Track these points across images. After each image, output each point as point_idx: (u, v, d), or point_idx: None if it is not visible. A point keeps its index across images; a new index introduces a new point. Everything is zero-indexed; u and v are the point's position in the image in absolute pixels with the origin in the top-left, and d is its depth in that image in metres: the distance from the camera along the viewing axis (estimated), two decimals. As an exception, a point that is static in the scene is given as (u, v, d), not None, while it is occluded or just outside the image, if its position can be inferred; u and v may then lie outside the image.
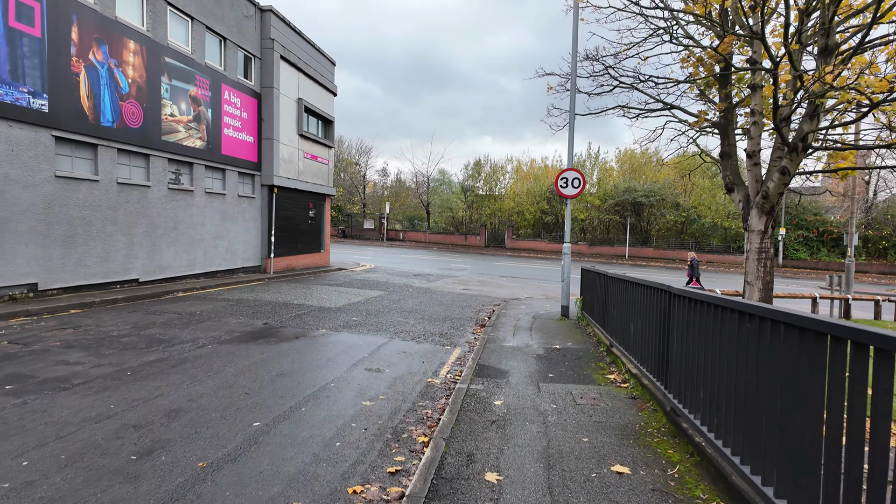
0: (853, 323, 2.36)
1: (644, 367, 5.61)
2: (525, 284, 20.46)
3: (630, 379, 6.19)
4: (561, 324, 10.68)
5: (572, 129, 11.39)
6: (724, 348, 3.48)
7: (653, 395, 5.33)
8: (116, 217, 12.16)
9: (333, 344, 8.07)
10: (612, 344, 7.61)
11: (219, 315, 9.98)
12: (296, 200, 20.41)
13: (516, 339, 8.97)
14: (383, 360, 7.21)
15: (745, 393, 3.17)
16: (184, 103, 14.23)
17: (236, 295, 12.98)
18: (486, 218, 49.05)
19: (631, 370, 6.28)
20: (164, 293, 12.43)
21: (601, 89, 13.58)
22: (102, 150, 11.69)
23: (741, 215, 10.89)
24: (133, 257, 12.70)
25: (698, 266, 15.42)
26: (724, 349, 3.48)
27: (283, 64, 18.80)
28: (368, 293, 14.68)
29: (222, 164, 16.06)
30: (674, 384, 4.55)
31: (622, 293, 6.79)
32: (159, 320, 9.12)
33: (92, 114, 11.32)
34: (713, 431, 3.63)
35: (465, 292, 16.53)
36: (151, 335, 7.90)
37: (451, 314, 11.93)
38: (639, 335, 5.88)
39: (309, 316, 10.47)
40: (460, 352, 8.15)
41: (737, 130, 11.92)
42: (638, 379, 5.95)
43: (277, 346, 7.67)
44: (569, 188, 11.31)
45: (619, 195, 40.13)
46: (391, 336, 8.97)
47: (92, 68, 11.28)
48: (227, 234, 16.46)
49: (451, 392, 5.84)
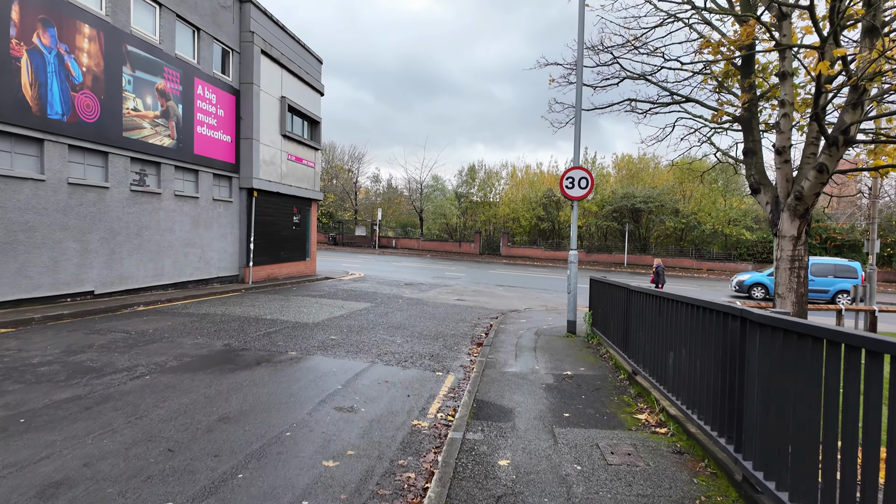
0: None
1: (693, 412, 4.33)
2: (523, 294, 19.20)
3: (668, 422, 4.90)
4: (568, 342, 9.39)
5: (579, 124, 10.18)
6: (873, 411, 2.22)
7: (708, 451, 4.05)
8: (67, 222, 10.80)
9: (302, 372, 6.74)
10: (636, 371, 6.34)
11: (174, 334, 8.62)
12: (278, 205, 19.08)
13: (519, 362, 7.67)
14: (359, 394, 5.89)
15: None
16: (150, 97, 12.91)
17: (204, 309, 11.61)
18: (480, 225, 47.81)
19: (668, 409, 5.00)
20: (121, 307, 11.05)
21: (608, 82, 12.42)
22: (50, 145, 10.35)
23: (770, 220, 9.69)
24: (87, 267, 11.32)
25: (664, 273, 15.70)
26: (874, 412, 2.21)
27: (264, 59, 17.54)
28: (353, 305, 13.35)
29: (195, 164, 14.73)
30: (752, 447, 3.26)
31: (655, 313, 5.51)
32: (99, 342, 7.76)
33: (36, 105, 9.98)
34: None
35: (460, 303, 15.25)
36: (80, 362, 6.54)
37: (444, 330, 10.64)
38: (684, 368, 4.60)
39: (280, 334, 9.13)
40: (454, 380, 6.85)
41: (759, 126, 10.77)
42: (680, 423, 4.67)
43: (232, 376, 6.34)
44: (575, 189, 10.08)
45: (617, 201, 39.01)
46: (373, 359, 7.65)
47: (37, 53, 9.96)
48: (199, 240, 15.10)
49: (443, 443, 4.54)
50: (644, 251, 40.62)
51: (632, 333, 6.52)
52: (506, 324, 11.54)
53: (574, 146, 10.22)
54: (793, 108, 9.41)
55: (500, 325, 11.21)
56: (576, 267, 10.11)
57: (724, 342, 3.66)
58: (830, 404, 2.49)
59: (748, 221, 38.20)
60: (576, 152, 10.22)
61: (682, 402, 4.60)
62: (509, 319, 12.25)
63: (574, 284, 10.11)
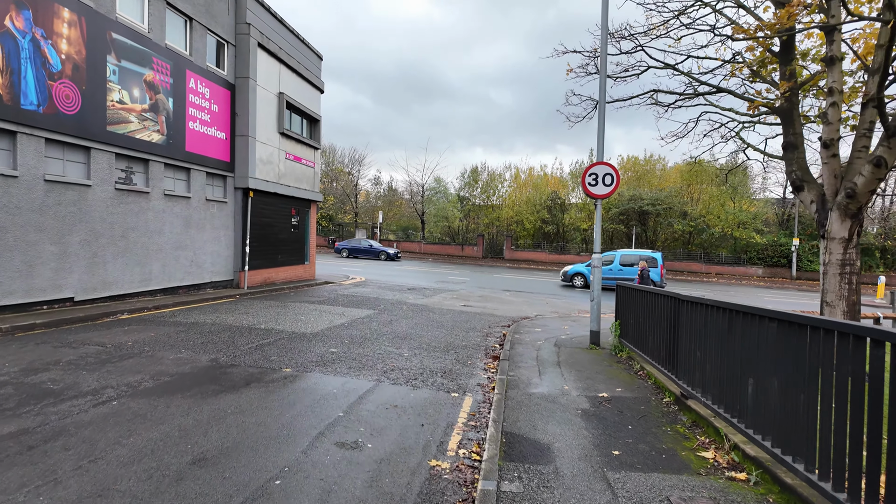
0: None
1: (795, 459, 3.41)
2: (531, 299, 18.29)
3: (746, 465, 3.98)
4: (594, 356, 8.47)
5: (602, 115, 9.30)
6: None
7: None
8: (43, 222, 9.89)
9: (298, 394, 5.82)
10: (688, 395, 5.42)
11: (156, 347, 7.70)
12: (276, 206, 18.17)
13: (545, 381, 6.75)
14: (365, 424, 4.98)
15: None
16: (137, 89, 12.03)
17: (193, 317, 10.70)
18: (483, 227, 46.94)
19: (742, 447, 4.08)
20: (102, 315, 10.13)
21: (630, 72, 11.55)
22: (23, 138, 9.45)
23: (816, 221, 8.79)
24: (66, 271, 10.40)
25: (649, 277, 15.36)
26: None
27: (261, 52, 16.68)
28: (355, 313, 12.43)
29: (186, 162, 13.83)
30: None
31: (722, 328, 4.59)
32: (68, 357, 6.83)
33: (8, 94, 9.09)
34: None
35: (467, 309, 14.34)
36: (38, 384, 5.61)
37: (454, 340, 9.73)
38: (774, 401, 3.69)
39: (274, 347, 8.21)
40: (472, 403, 5.93)
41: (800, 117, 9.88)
42: (765, 469, 3.75)
43: (215, 400, 5.42)
44: (599, 186, 9.18)
45: (624, 203, 38.13)
46: (378, 377, 6.73)
47: (8, 37, 9.07)
48: (191, 243, 14.18)
49: (471, 496, 3.62)
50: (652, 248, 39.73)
51: (682, 350, 5.60)
52: (520, 333, 10.63)
53: (597, 140, 9.33)
54: (842, 96, 8.52)
55: (515, 335, 10.30)
56: (599, 273, 9.20)
57: (857, 375, 2.75)
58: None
59: (758, 224, 37.32)
60: (599, 146, 9.33)
61: (772, 443, 3.68)
62: (523, 328, 11.34)
63: (597, 291, 9.20)
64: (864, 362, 2.73)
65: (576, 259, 41.10)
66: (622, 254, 23.90)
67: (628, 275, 22.52)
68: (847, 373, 2.87)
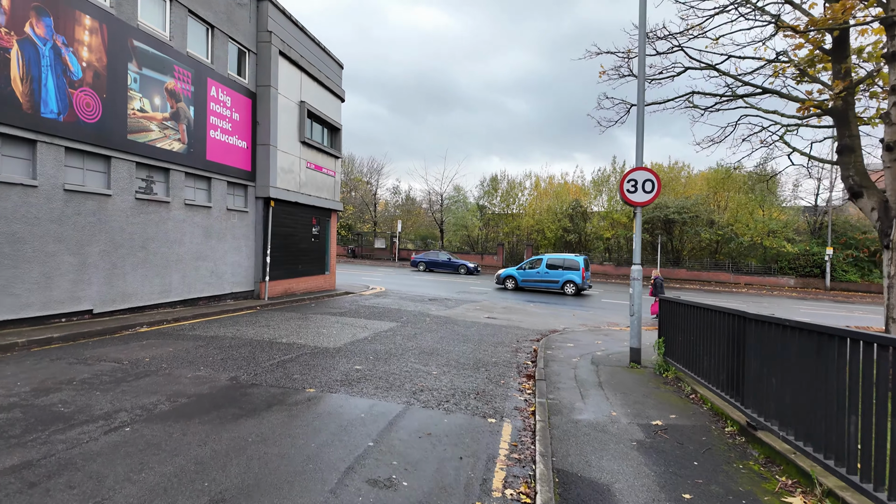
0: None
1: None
2: (556, 311, 17.66)
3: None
4: (637, 376, 7.88)
5: (641, 118, 8.76)
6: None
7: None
8: (62, 233, 9.67)
9: (323, 419, 5.36)
10: (757, 424, 4.83)
11: (174, 364, 7.34)
12: (296, 216, 17.91)
13: (590, 405, 6.20)
14: (397, 456, 4.49)
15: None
16: (158, 97, 11.84)
17: (213, 330, 10.37)
18: (503, 237, 46.36)
19: (843, 497, 3.49)
20: (121, 328, 9.86)
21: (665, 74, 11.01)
22: (43, 147, 9.25)
23: (877, 229, 8.11)
24: (85, 283, 10.16)
25: (662, 285, 15.49)
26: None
27: (282, 61, 16.50)
28: (378, 325, 12.00)
29: (207, 171, 13.62)
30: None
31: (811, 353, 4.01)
32: (82, 375, 6.49)
33: (28, 102, 8.91)
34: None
35: (492, 322, 13.81)
36: (48, 406, 5.25)
37: (484, 356, 9.21)
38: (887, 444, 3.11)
39: (297, 363, 7.79)
40: (512, 430, 5.41)
41: (853, 119, 9.23)
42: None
43: (235, 426, 4.99)
44: (638, 193, 8.62)
45: (649, 212, 37.21)
46: (408, 399, 6.25)
47: (29, 44, 8.91)
48: (211, 253, 13.94)
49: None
50: (677, 264, 38.68)
51: (751, 375, 5.01)
52: (552, 349, 10.07)
53: (636, 144, 8.79)
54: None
55: (547, 351, 9.74)
56: (640, 285, 8.62)
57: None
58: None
59: (789, 233, 36.07)
60: (638, 151, 8.78)
61: (889, 495, 3.10)
62: (554, 343, 10.77)
63: (638, 305, 8.61)
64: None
65: (598, 268, 40.24)
66: (548, 258, 25.00)
67: (554, 277, 24.29)
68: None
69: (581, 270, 23.70)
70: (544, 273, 24.63)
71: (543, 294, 23.72)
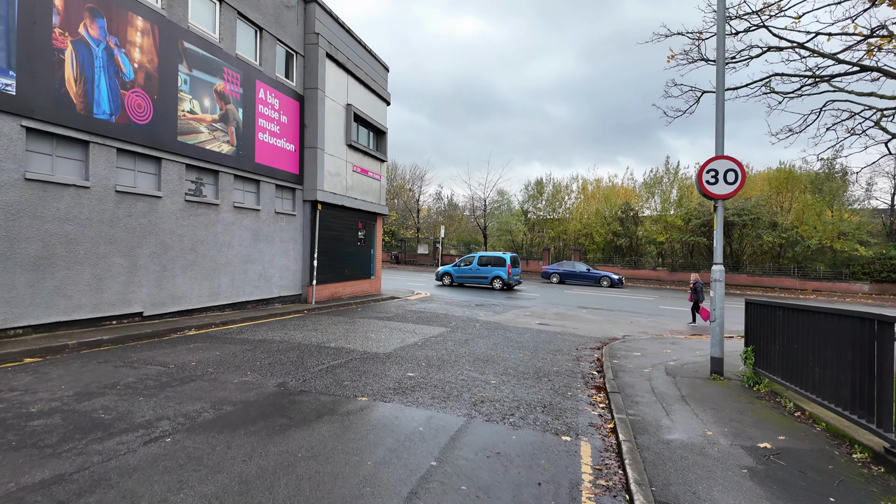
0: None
1: None
2: (613, 318, 16.65)
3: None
4: (723, 389, 6.99)
5: (722, 101, 7.88)
6: None
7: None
8: (114, 234, 9.61)
9: (377, 432, 4.82)
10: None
11: (220, 369, 6.99)
12: (343, 219, 17.68)
13: (678, 422, 5.41)
14: (466, 479, 3.88)
15: None
16: (207, 99, 11.78)
17: (261, 333, 10.08)
18: (548, 241, 45.19)
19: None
20: (169, 331, 9.70)
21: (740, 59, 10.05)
22: (95, 148, 9.22)
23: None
24: (135, 285, 10.09)
25: (702, 289, 15.05)
26: None
27: (329, 63, 16.34)
28: (427, 330, 11.46)
29: (256, 174, 13.50)
30: None
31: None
32: (127, 379, 6.20)
33: (81, 102, 8.89)
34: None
35: (545, 328, 13.03)
36: (88, 413, 4.93)
37: (543, 364, 8.51)
38: None
39: (346, 369, 7.32)
40: (591, 450, 4.70)
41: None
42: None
43: (283, 438, 4.50)
44: (719, 185, 7.74)
45: (707, 214, 35.32)
46: (468, 411, 5.64)
47: (83, 45, 8.90)
48: (260, 257, 13.79)
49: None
50: (737, 269, 36.50)
51: (887, 393, 4.13)
52: (617, 358, 9.24)
53: (716, 130, 7.91)
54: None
55: (613, 360, 8.92)
56: (722, 287, 7.71)
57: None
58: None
59: (862, 235, 33.42)
60: (718, 139, 7.90)
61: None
62: (618, 352, 9.92)
63: (720, 310, 7.70)
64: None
65: (651, 274, 38.53)
66: (479, 255, 26.88)
67: (484, 273, 26.07)
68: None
69: (507, 267, 25.31)
70: (476, 270, 26.36)
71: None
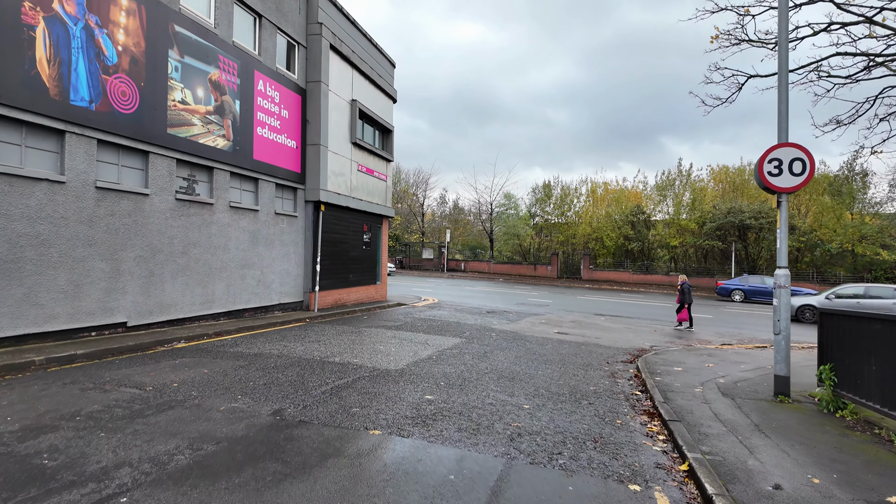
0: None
1: None
2: (633, 325, 15.57)
3: None
4: (799, 415, 5.91)
5: (785, 82, 6.84)
6: None
7: None
8: (93, 235, 8.61)
9: (398, 482, 3.76)
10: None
11: (206, 391, 5.95)
12: (347, 221, 16.67)
13: (768, 463, 4.34)
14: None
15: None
16: (201, 89, 10.80)
17: (258, 346, 9.05)
18: (557, 245, 44.07)
19: None
20: (156, 343, 8.67)
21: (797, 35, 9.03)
22: (72, 139, 8.23)
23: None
24: (119, 292, 9.07)
25: (690, 291, 14.66)
26: None
27: (333, 56, 15.37)
28: (440, 342, 10.42)
29: (254, 171, 12.51)
30: None
31: None
32: (90, 408, 5.16)
33: (56, 87, 7.90)
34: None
35: (566, 338, 11.97)
36: (30, 456, 3.88)
37: (576, 382, 7.45)
38: None
39: (354, 391, 6.27)
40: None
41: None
42: None
43: (277, 494, 3.45)
44: (784, 176, 6.69)
45: (721, 217, 34.18)
46: (506, 448, 4.59)
47: (58, 22, 7.92)
48: (258, 261, 12.77)
49: None
50: (752, 274, 35.32)
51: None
52: (658, 374, 8.17)
53: (778, 114, 6.87)
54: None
55: (655, 378, 7.85)
56: (787, 295, 6.65)
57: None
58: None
59: (885, 239, 32.23)
60: (782, 122, 6.86)
61: None
62: (655, 367, 8.84)
63: (786, 321, 6.64)
64: None
65: (664, 279, 37.38)
66: None
67: None
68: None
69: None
70: None
71: (615, 307, 21.54)
